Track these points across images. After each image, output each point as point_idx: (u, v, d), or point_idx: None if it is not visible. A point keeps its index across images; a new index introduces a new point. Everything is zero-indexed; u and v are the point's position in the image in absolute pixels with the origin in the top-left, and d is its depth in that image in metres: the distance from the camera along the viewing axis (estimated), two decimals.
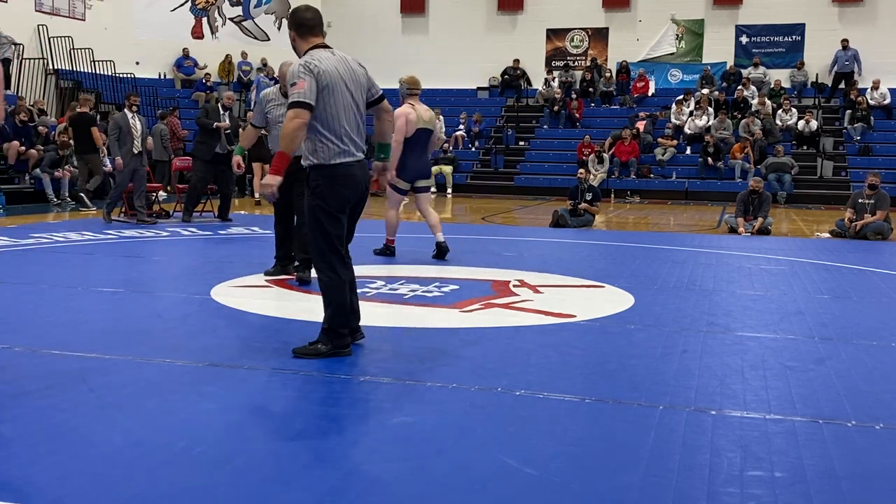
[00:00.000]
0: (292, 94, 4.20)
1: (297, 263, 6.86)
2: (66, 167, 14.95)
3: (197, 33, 23.70)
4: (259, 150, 12.88)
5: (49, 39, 19.65)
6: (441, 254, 8.27)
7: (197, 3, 23.65)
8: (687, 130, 20.09)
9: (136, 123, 11.03)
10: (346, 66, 4.36)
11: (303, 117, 4.18)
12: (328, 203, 4.33)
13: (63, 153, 14.99)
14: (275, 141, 6.68)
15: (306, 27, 4.40)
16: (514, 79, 23.33)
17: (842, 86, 21.14)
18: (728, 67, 22.24)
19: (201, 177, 11.49)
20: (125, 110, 11.10)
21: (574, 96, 22.21)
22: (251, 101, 21.29)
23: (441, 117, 21.40)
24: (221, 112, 11.58)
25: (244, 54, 23.35)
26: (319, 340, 4.46)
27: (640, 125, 20.20)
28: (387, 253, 8.40)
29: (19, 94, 17.72)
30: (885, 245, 10.72)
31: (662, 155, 19.56)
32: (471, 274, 7.44)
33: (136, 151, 10.99)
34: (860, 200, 11.48)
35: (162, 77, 22.97)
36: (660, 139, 19.97)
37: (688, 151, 19.96)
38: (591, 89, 22.58)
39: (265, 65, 22.93)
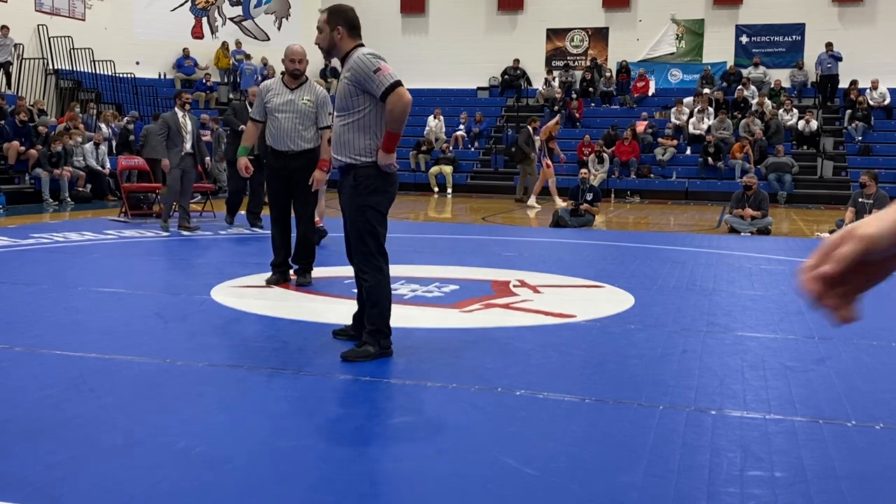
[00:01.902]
0: (384, 77, 4.17)
1: (296, 268, 6.75)
2: (66, 167, 14.96)
3: (197, 33, 23.70)
4: None
5: (49, 39, 19.65)
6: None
7: (197, 3, 23.65)
8: (693, 131, 20.05)
9: (188, 123, 10.29)
10: None
11: (407, 93, 4.21)
12: (381, 202, 4.35)
13: (55, 147, 14.95)
14: (276, 133, 6.48)
15: (357, 29, 4.43)
16: (514, 79, 23.32)
17: (829, 88, 21.11)
18: (728, 67, 22.24)
19: (234, 181, 10.71)
20: (175, 108, 10.37)
21: (574, 96, 22.20)
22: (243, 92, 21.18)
23: (441, 117, 21.42)
24: (250, 111, 10.85)
25: (238, 43, 23.21)
26: (367, 342, 4.39)
27: (641, 126, 20.18)
28: None
29: (19, 94, 17.72)
30: None
31: (662, 155, 19.55)
32: (471, 274, 7.44)
33: (186, 152, 10.24)
34: (860, 200, 11.52)
35: (162, 77, 22.95)
36: (660, 139, 19.97)
37: (688, 151, 19.96)
38: (591, 89, 22.57)
39: (266, 64, 22.93)
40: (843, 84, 20.81)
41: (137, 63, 22.00)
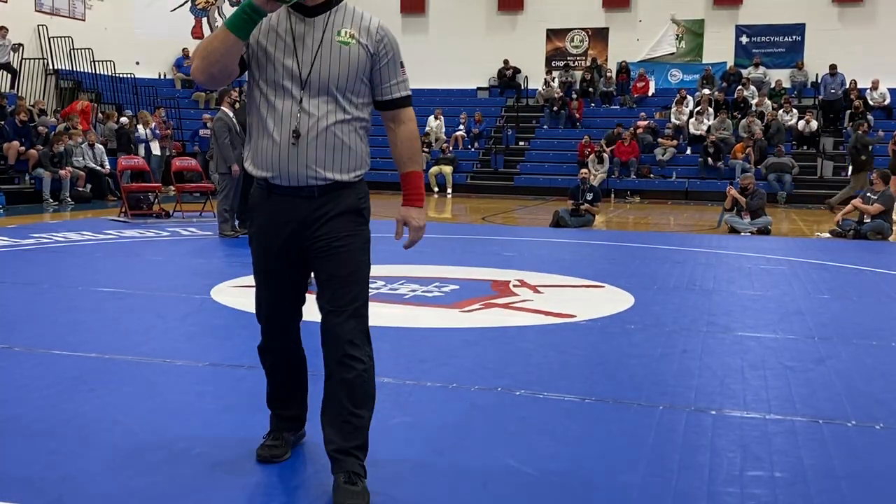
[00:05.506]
0: (407, 81, 2.88)
1: None
2: (67, 167, 14.96)
3: (197, 33, 23.68)
4: None
5: (49, 39, 19.64)
6: None
7: (197, 3, 23.65)
8: (693, 131, 20.02)
9: (236, 124, 9.60)
10: None
11: None
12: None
13: (56, 148, 14.94)
14: None
15: None
16: (502, 76, 23.28)
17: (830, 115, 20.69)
18: (728, 68, 22.23)
19: (244, 184, 9.48)
20: (223, 108, 9.63)
21: (574, 96, 22.21)
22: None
23: (441, 117, 21.41)
24: None
25: None
26: (361, 474, 2.70)
27: (642, 125, 20.17)
28: None
29: (19, 94, 17.72)
30: (885, 245, 10.72)
31: (662, 155, 19.55)
32: (471, 274, 7.44)
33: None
34: (868, 194, 11.64)
35: (162, 77, 22.96)
36: (660, 139, 19.96)
37: (688, 151, 19.96)
38: (591, 89, 22.57)
39: None
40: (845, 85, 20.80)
41: (137, 63, 21.99)
